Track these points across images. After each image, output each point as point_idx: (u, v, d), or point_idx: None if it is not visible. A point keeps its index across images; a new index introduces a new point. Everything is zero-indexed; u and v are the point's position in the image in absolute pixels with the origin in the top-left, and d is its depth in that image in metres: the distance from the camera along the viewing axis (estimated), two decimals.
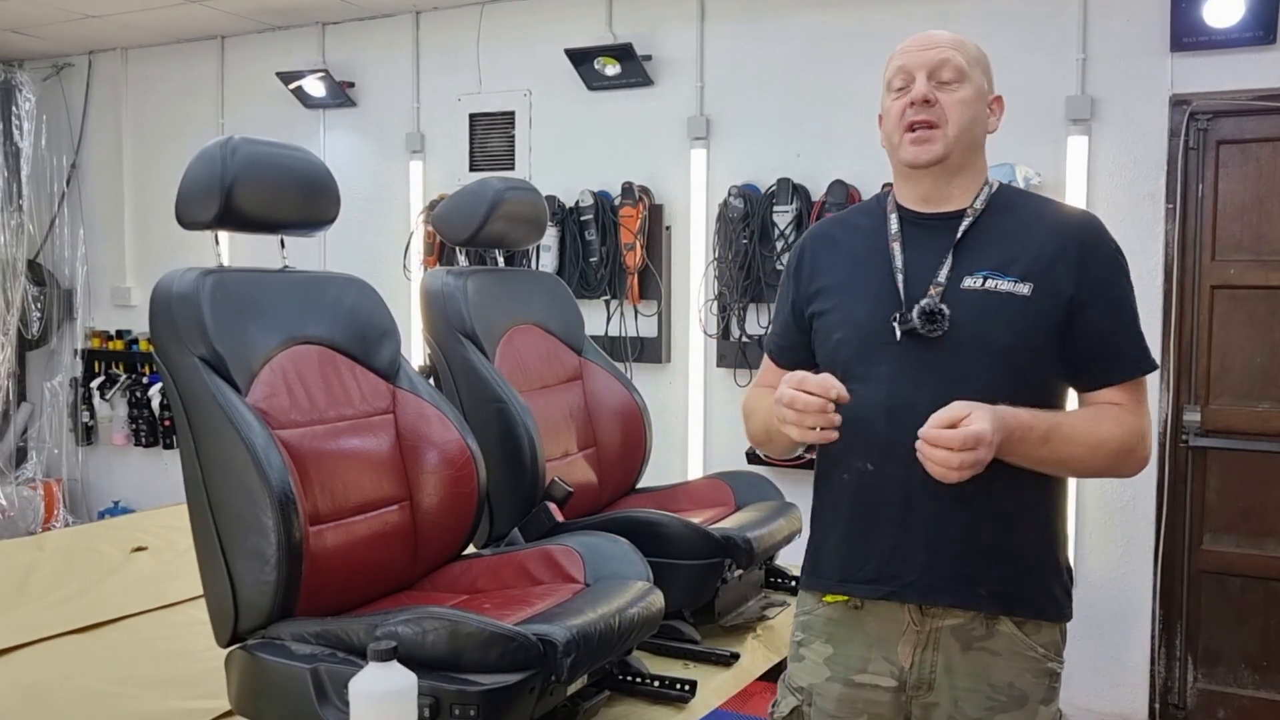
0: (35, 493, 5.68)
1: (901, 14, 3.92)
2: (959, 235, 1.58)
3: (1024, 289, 1.53)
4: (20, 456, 5.94)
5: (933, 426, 1.40)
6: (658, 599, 1.99)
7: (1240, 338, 3.58)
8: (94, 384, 5.72)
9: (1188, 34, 3.47)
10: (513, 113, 4.69)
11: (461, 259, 4.24)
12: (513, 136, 4.70)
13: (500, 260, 2.90)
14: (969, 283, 1.55)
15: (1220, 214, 3.59)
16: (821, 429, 1.46)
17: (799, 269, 1.73)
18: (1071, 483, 4.08)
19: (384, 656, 1.36)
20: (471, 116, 4.78)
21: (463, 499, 2.19)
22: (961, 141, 1.58)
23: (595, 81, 4.43)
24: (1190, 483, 3.65)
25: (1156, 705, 3.71)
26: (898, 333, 1.54)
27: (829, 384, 1.46)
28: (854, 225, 1.72)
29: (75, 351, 5.87)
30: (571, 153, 4.56)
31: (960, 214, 1.61)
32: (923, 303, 1.53)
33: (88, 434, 5.81)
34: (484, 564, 2.24)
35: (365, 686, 1.35)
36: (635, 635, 1.92)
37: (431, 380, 2.52)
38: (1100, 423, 1.55)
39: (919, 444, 1.42)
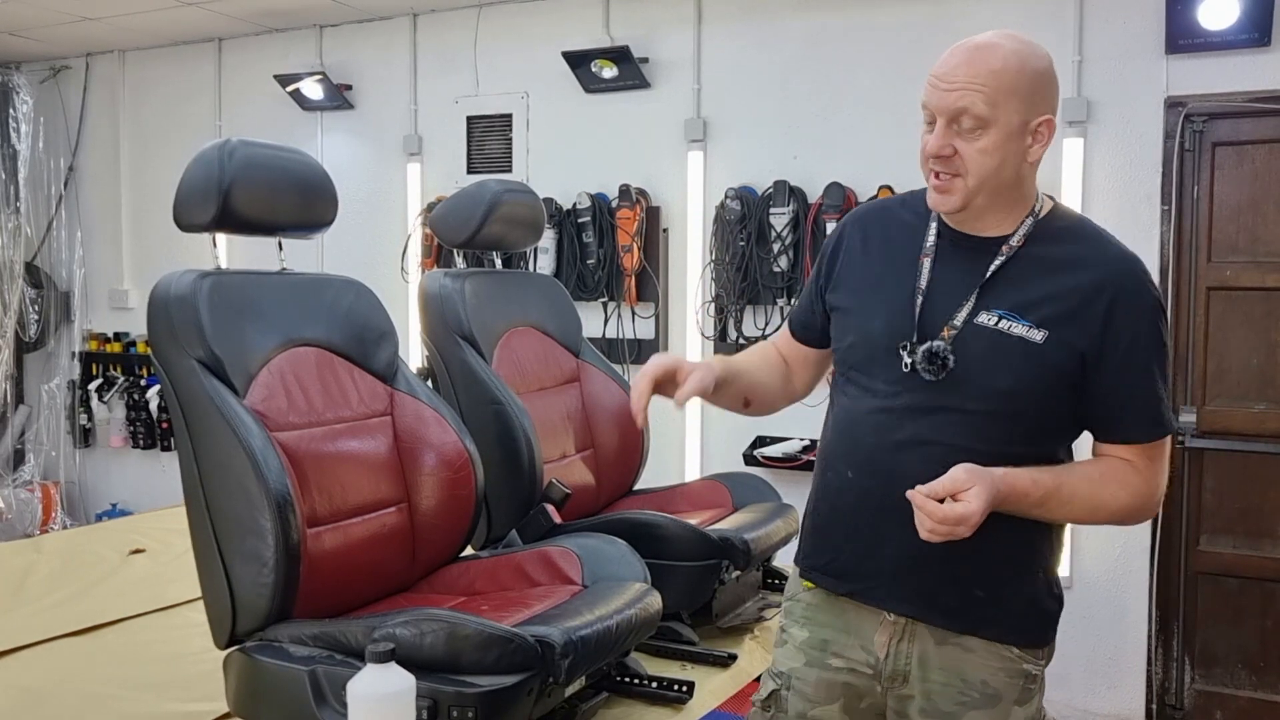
0: (33, 495, 5.68)
1: (899, 16, 3.93)
2: (988, 274, 1.53)
3: (1037, 336, 1.49)
4: (18, 459, 5.94)
5: (925, 493, 1.40)
6: (655, 600, 2.00)
7: (1236, 339, 3.59)
8: (92, 386, 5.71)
9: (1183, 36, 3.48)
10: (510, 115, 4.69)
11: (459, 261, 4.27)
12: (510, 139, 4.70)
13: (498, 262, 2.90)
14: (983, 319, 1.51)
15: (1216, 216, 3.60)
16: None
17: (834, 254, 1.71)
18: None
19: (382, 658, 1.37)
20: (469, 119, 4.78)
21: (460, 501, 2.20)
22: (984, 189, 1.50)
23: (592, 84, 4.43)
24: (1187, 484, 3.66)
25: (1154, 706, 3.71)
26: (905, 363, 1.53)
27: (644, 393, 1.57)
28: (896, 220, 1.66)
29: (73, 354, 5.86)
30: (569, 155, 4.56)
31: (997, 242, 1.54)
32: (933, 344, 1.51)
33: (85, 436, 5.80)
34: (482, 566, 2.24)
35: (363, 688, 1.35)
36: (633, 637, 1.93)
37: (429, 382, 2.53)
38: (1105, 485, 1.53)
39: (909, 493, 1.42)
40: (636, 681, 2.15)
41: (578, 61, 4.36)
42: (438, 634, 1.67)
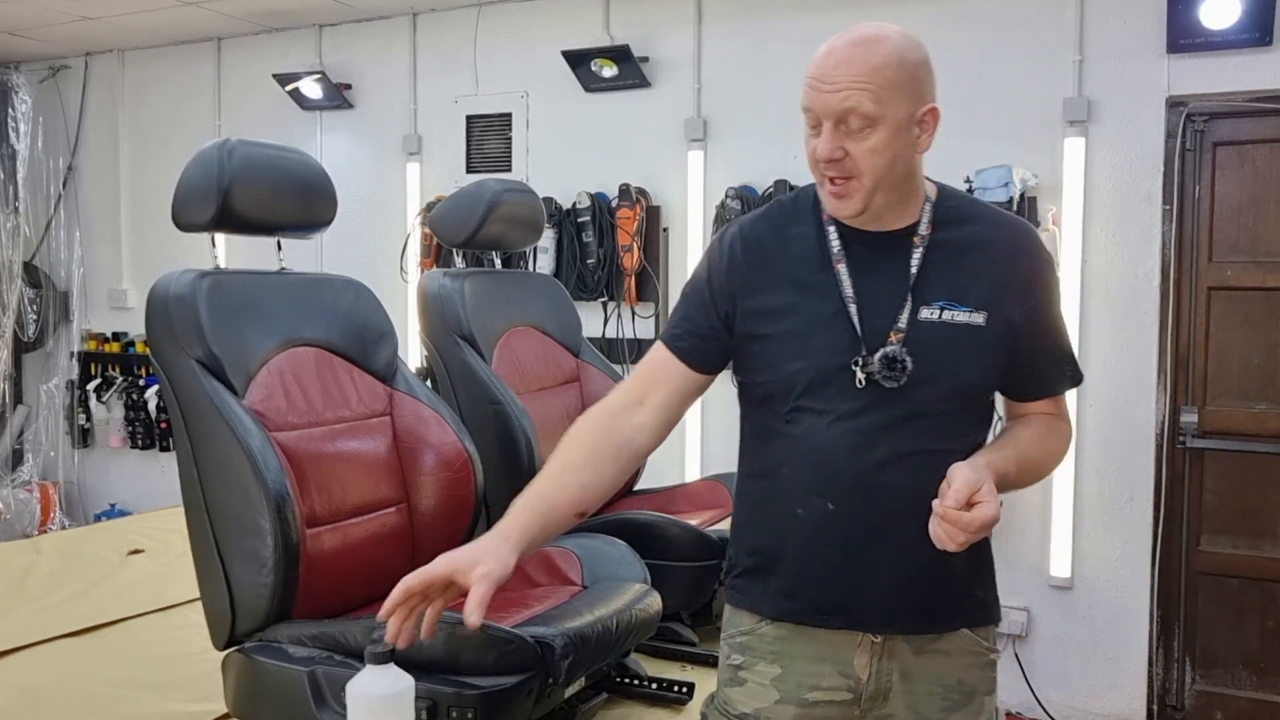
0: (31, 495, 5.68)
1: (897, 16, 3.91)
2: (914, 270, 1.49)
3: (979, 319, 1.48)
4: (16, 459, 5.93)
5: (951, 505, 1.35)
6: (655, 601, 1.99)
7: (1237, 339, 3.58)
8: (90, 386, 5.71)
9: (1184, 35, 3.48)
10: (510, 114, 4.69)
11: (458, 261, 4.26)
12: (510, 138, 4.70)
13: (497, 262, 2.90)
14: (926, 314, 1.48)
15: (1217, 216, 3.59)
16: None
17: (730, 275, 1.57)
18: (1068, 486, 4.05)
19: (381, 659, 1.36)
20: (469, 118, 4.78)
21: (460, 501, 2.19)
22: (881, 188, 1.46)
23: (592, 83, 4.43)
24: (1187, 484, 3.66)
25: (1154, 706, 3.71)
26: (860, 378, 1.45)
27: (394, 602, 1.39)
28: (788, 231, 1.57)
29: (72, 354, 5.86)
30: (568, 154, 4.56)
31: (905, 234, 1.51)
32: (888, 350, 1.45)
33: (84, 436, 5.80)
34: None
35: (362, 689, 1.34)
36: (633, 637, 1.92)
37: (429, 382, 2.52)
38: (1047, 443, 1.58)
39: (937, 511, 1.37)
40: (636, 682, 2.15)
41: (578, 61, 4.36)
42: (437, 634, 1.66)
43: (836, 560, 1.51)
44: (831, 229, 1.53)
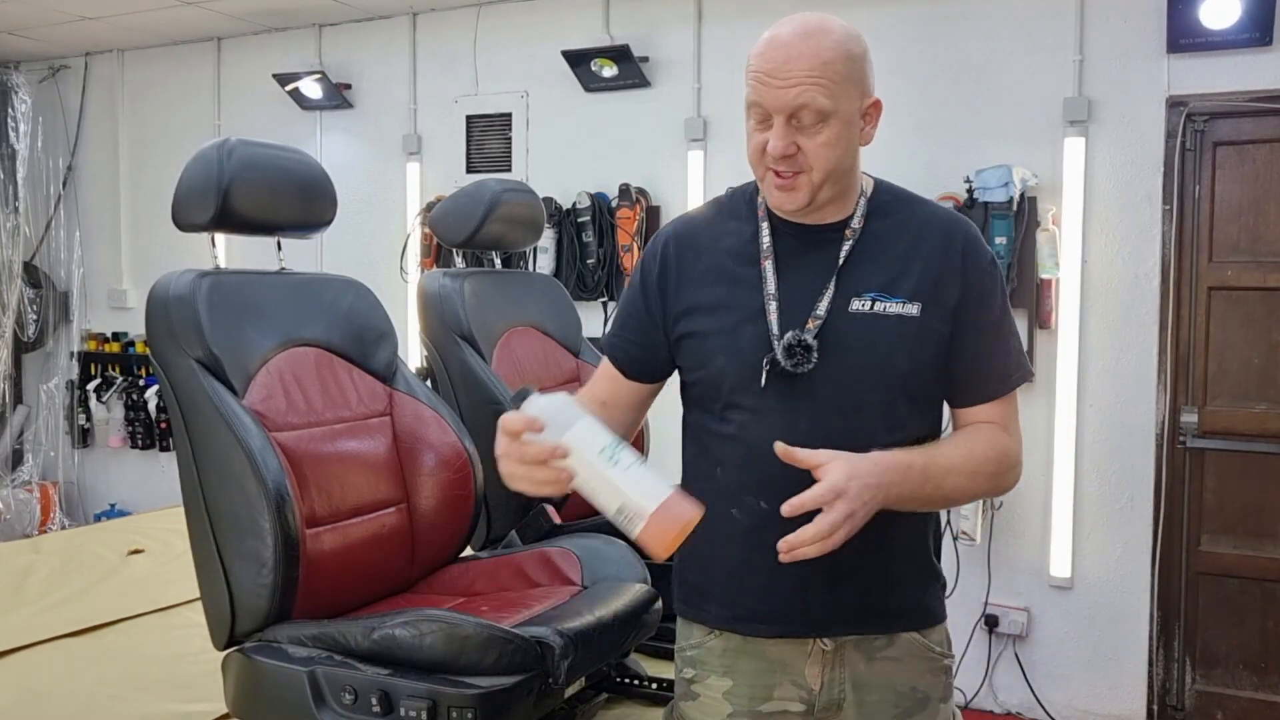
0: (31, 495, 5.67)
1: (898, 16, 3.92)
2: (840, 260, 1.47)
3: (913, 309, 1.46)
4: (16, 459, 5.93)
5: (787, 512, 1.29)
6: (655, 601, 1.99)
7: (1237, 339, 3.58)
8: (90, 386, 5.71)
9: (1184, 35, 3.48)
10: (510, 114, 4.69)
11: (458, 261, 4.26)
12: (510, 138, 4.70)
13: (497, 262, 2.90)
14: (857, 306, 1.46)
15: (1217, 215, 3.59)
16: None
17: (661, 278, 1.55)
18: (1068, 486, 4.04)
19: (525, 395, 1.36)
20: (468, 118, 4.78)
21: (460, 501, 2.19)
22: (829, 181, 1.45)
23: (592, 83, 4.43)
24: (1188, 484, 3.66)
25: (1155, 707, 3.71)
26: (763, 377, 1.43)
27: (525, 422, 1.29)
28: (721, 230, 1.56)
29: (71, 354, 5.86)
30: (568, 154, 4.56)
31: (839, 226, 1.50)
32: (787, 336, 1.42)
33: (84, 436, 5.80)
34: (481, 566, 2.23)
35: (539, 403, 1.33)
36: (633, 638, 1.92)
37: (429, 382, 2.52)
38: (973, 447, 1.49)
39: (780, 547, 1.30)
40: (636, 683, 2.14)
41: (578, 60, 4.36)
42: (437, 634, 1.66)
43: (771, 565, 1.39)
44: (764, 225, 1.52)
